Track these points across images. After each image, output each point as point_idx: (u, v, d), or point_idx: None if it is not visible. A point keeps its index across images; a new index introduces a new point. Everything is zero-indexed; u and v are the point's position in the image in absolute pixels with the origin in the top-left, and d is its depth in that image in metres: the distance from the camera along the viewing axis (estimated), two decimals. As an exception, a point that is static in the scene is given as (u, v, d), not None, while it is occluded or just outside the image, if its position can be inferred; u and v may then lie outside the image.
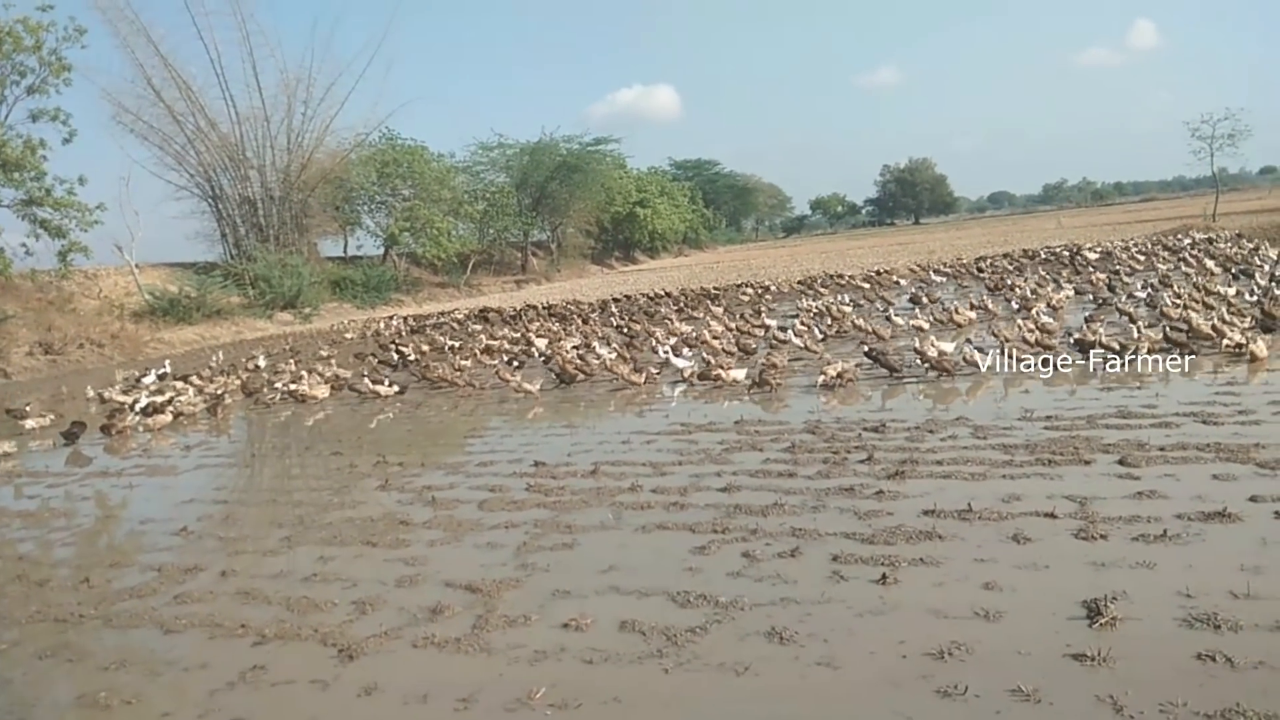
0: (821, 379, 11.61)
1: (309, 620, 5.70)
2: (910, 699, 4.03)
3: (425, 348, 20.72)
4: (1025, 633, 4.52)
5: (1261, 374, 10.05)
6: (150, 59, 40.28)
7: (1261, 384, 9.57)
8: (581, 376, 14.13)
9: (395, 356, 19.35)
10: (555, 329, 22.00)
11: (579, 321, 23.56)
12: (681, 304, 25.53)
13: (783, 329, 16.41)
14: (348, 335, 28.68)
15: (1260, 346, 10.64)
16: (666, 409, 11.55)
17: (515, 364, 16.67)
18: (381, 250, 50.75)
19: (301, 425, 13.52)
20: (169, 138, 41.36)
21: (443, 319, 29.69)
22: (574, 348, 16.87)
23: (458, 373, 15.33)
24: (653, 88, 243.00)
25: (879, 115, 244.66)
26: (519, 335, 21.14)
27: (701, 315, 21.99)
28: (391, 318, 32.79)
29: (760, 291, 26.95)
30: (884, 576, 5.38)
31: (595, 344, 17.10)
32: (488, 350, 19.06)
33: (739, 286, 28.82)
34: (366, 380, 15.39)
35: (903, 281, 26.35)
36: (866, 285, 25.56)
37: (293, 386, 15.73)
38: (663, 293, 29.24)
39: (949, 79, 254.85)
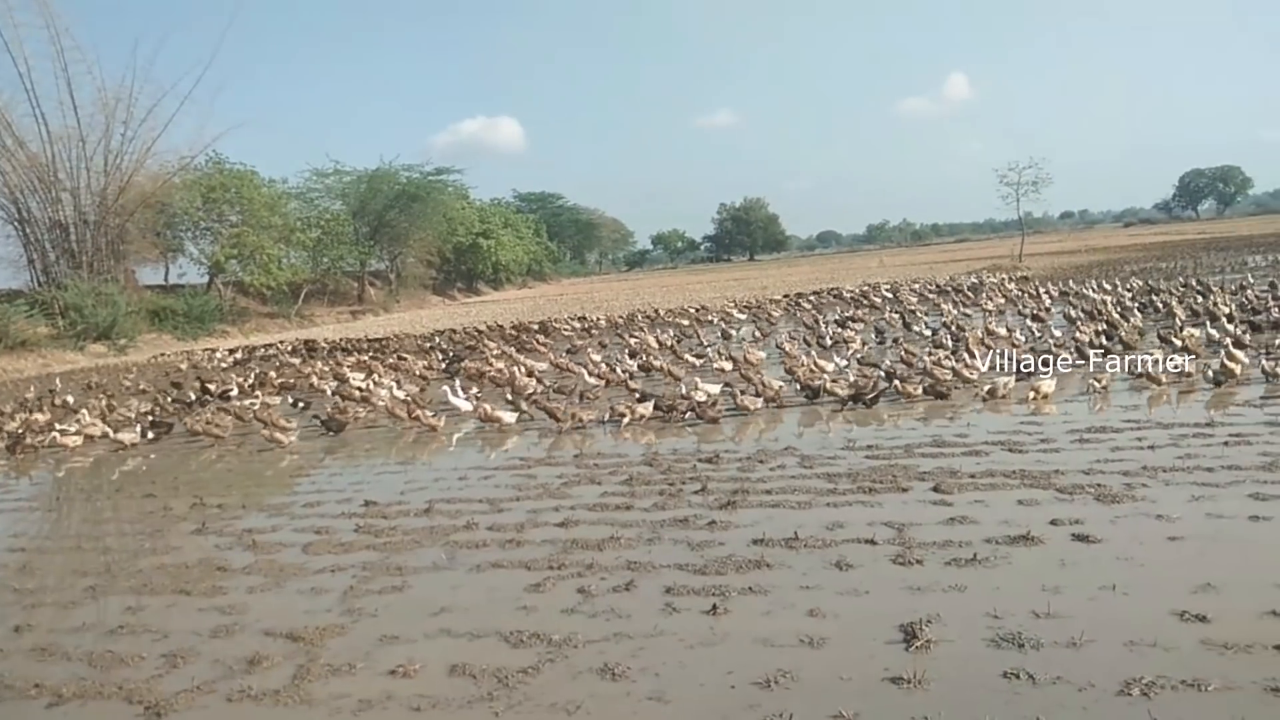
0: (625, 420, 11.50)
1: (113, 676, 5.28)
2: (737, 729, 4.10)
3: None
4: (847, 658, 4.68)
5: (1050, 406, 10.84)
6: (-57, 69, 37.18)
7: (1062, 414, 10.31)
8: (354, 421, 13.37)
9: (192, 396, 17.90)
10: (370, 364, 20.91)
11: (394, 357, 22.37)
12: (511, 338, 25.06)
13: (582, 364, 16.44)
14: (182, 367, 26.95)
15: (1001, 384, 11.33)
16: (507, 444, 11.41)
17: (302, 404, 15.93)
18: (206, 279, 48.25)
19: (113, 465, 12.59)
20: (-35, 156, 38.15)
21: (269, 351, 28.35)
22: (358, 387, 15.99)
23: (212, 424, 13.51)
24: (497, 119, 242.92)
25: (717, 155, 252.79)
26: (327, 371, 20.19)
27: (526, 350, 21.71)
28: (215, 350, 31.15)
29: (588, 326, 26.97)
30: (715, 607, 5.46)
31: (387, 381, 16.38)
32: (284, 387, 18.06)
33: (567, 320, 28.88)
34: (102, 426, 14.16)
35: (714, 319, 26.53)
36: (685, 321, 25.85)
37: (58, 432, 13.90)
38: (486, 327, 28.97)
39: (781, 124, 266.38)
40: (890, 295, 28.65)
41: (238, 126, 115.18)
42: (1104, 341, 14.04)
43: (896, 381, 12.09)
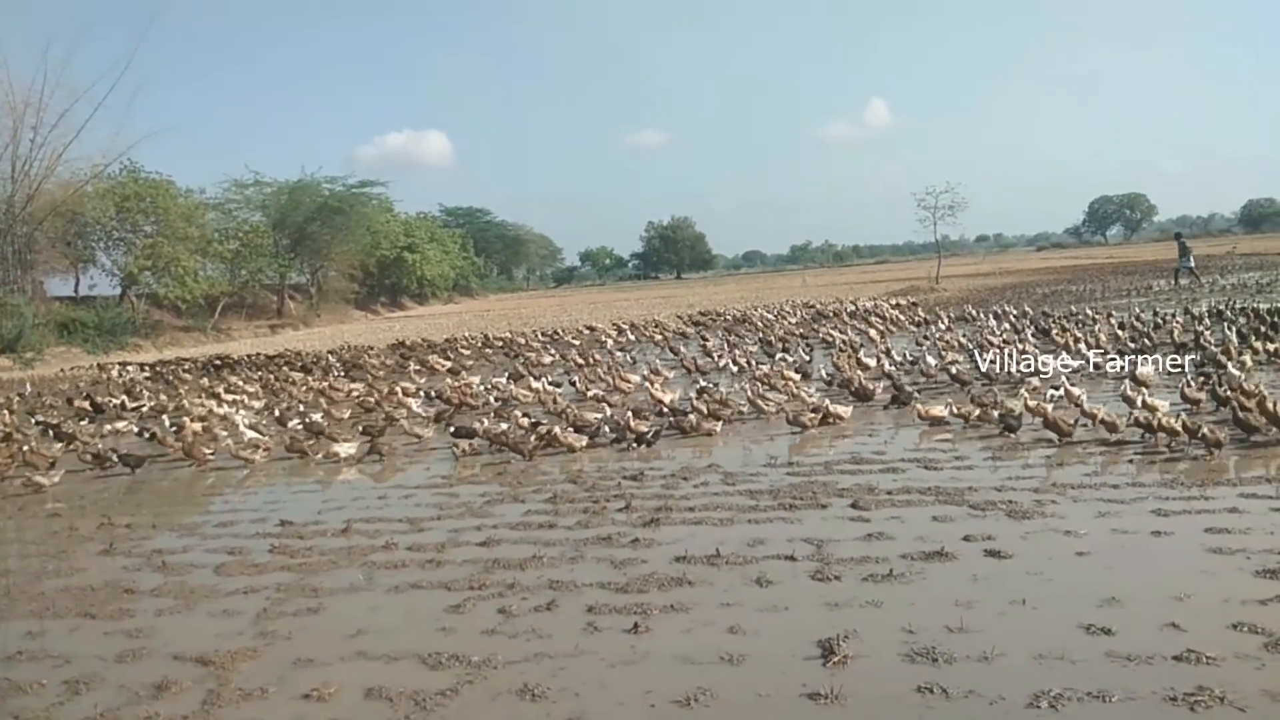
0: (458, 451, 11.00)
1: (9, 706, 5.04)
2: (657, 748, 4.10)
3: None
4: (766, 675, 4.72)
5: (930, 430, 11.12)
6: None
7: (978, 433, 10.58)
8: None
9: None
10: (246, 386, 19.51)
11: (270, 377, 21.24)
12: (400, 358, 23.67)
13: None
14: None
15: (840, 409, 11.38)
16: (428, 462, 11.26)
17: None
18: (119, 290, 46.67)
19: (12, 482, 12.02)
20: None
21: (175, 367, 27.04)
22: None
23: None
24: (424, 133, 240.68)
25: (645, 174, 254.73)
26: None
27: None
28: (126, 364, 30.10)
29: (481, 344, 25.87)
30: (636, 625, 5.46)
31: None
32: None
33: (467, 337, 28.14)
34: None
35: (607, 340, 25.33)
36: (577, 343, 24.99)
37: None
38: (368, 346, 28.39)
39: (709, 144, 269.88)
40: (771, 318, 27.77)
41: (154, 134, 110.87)
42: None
43: (691, 416, 11.59)
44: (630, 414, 11.53)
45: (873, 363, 15.51)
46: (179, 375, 24.09)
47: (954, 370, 13.96)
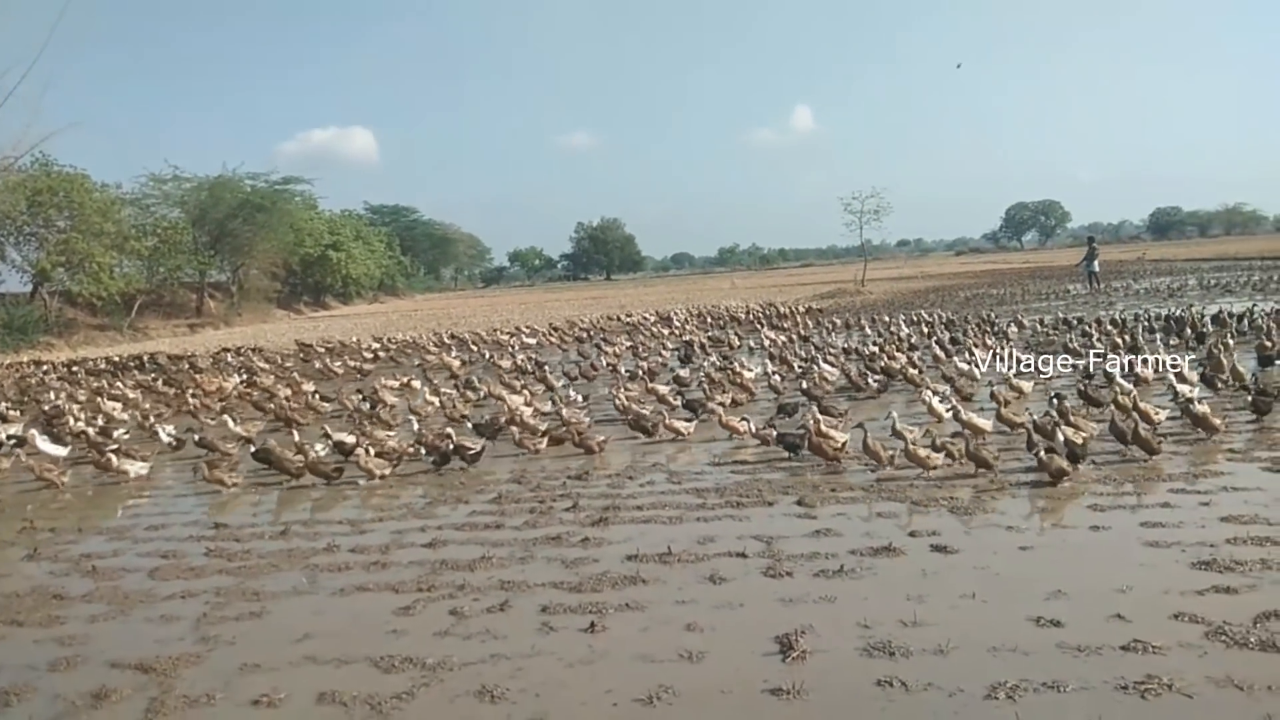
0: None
1: (-70, 721, 4.79)
2: (623, 747, 4.07)
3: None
4: (726, 671, 4.73)
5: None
6: None
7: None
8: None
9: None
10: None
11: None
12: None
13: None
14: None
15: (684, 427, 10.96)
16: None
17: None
18: (29, 287, 44.76)
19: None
20: None
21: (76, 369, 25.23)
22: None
23: None
24: (349, 130, 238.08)
25: (575, 175, 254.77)
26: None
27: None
28: (39, 363, 28.91)
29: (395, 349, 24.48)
30: (592, 625, 5.42)
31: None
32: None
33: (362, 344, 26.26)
34: None
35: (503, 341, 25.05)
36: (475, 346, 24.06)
37: None
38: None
39: (638, 147, 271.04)
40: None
41: (69, 127, 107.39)
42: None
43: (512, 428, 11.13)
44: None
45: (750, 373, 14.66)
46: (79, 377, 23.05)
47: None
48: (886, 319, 23.85)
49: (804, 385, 13.16)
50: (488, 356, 20.77)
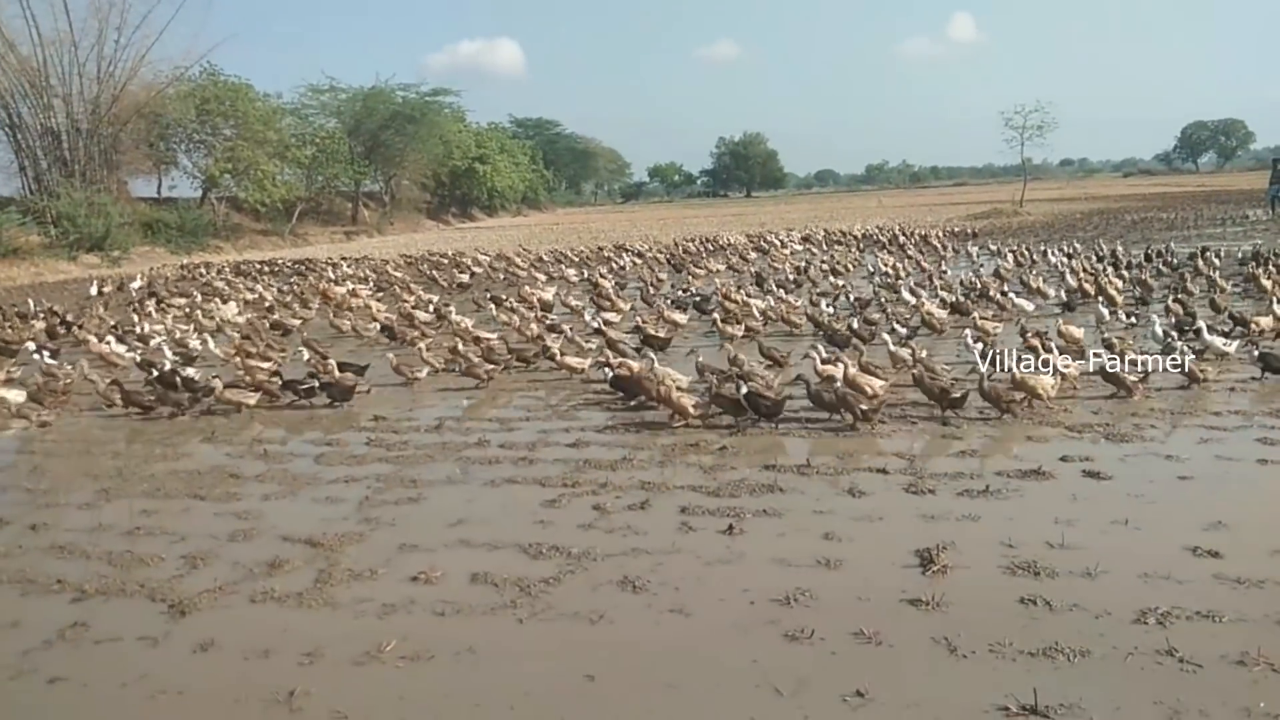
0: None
1: (134, 575, 5.34)
2: (760, 643, 4.18)
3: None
4: (864, 580, 4.76)
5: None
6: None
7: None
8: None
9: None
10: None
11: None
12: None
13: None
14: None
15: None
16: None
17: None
18: (200, 193, 47.64)
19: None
20: (-46, 56, 37.18)
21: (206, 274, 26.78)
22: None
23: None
24: (496, 42, 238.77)
25: (717, 89, 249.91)
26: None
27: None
28: (208, 264, 30.89)
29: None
30: (730, 527, 5.54)
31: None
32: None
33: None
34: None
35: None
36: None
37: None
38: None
39: (783, 59, 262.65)
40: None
41: (233, 36, 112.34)
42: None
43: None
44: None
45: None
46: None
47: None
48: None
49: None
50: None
